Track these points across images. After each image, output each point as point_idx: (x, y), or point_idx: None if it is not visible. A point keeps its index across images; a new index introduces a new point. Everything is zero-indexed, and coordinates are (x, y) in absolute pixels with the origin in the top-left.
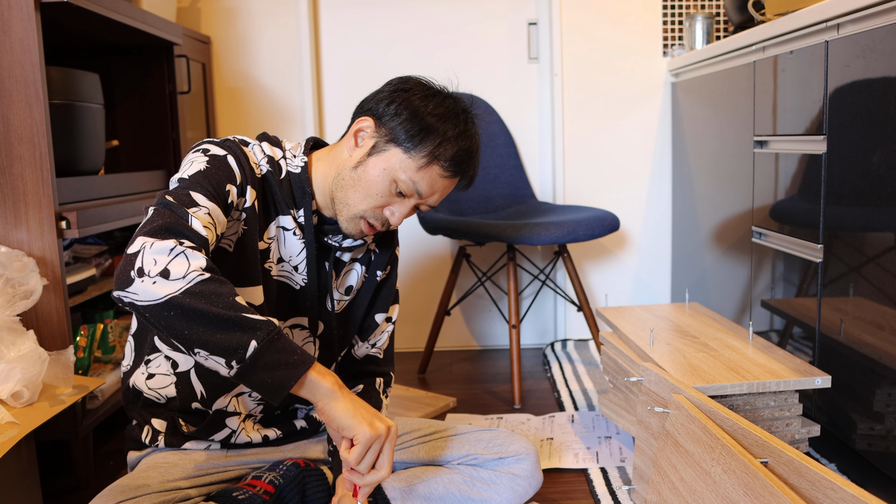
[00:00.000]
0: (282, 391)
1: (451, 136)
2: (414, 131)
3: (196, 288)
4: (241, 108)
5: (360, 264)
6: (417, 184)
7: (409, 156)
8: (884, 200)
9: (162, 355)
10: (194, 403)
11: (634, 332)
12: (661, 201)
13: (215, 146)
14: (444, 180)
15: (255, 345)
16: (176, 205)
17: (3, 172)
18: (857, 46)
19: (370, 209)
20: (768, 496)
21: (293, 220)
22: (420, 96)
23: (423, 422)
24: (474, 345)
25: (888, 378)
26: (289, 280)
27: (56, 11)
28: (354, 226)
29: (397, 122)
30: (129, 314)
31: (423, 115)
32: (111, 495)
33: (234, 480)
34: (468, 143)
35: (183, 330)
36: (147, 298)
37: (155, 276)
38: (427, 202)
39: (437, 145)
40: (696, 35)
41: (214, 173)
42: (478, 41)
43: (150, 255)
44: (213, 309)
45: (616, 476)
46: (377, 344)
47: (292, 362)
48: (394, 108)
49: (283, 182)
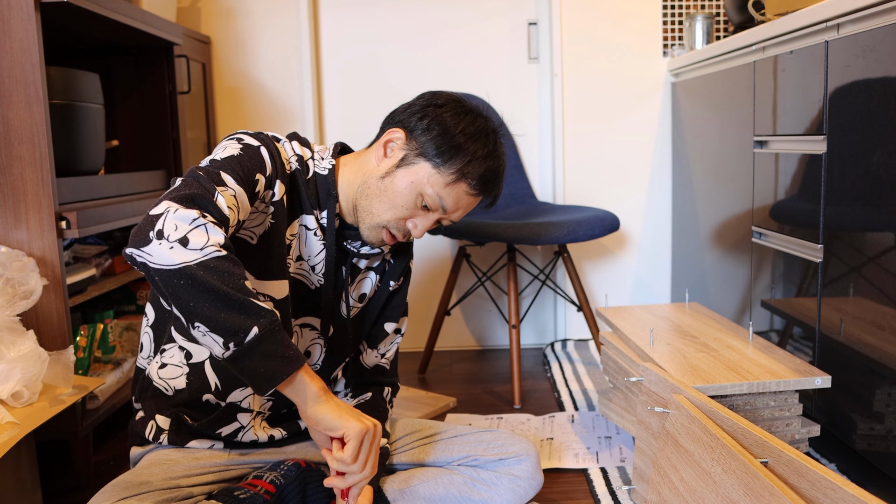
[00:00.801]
0: (272, 382)
1: (481, 156)
2: (444, 148)
3: (211, 262)
4: (241, 108)
5: (374, 272)
6: (444, 199)
7: (437, 171)
8: (884, 200)
9: (176, 345)
10: (206, 395)
11: (634, 332)
12: (661, 201)
13: (249, 136)
14: (470, 198)
15: (256, 331)
16: (205, 179)
17: (3, 172)
18: (857, 46)
19: (394, 220)
20: (768, 496)
21: (315, 221)
22: (452, 114)
23: (424, 423)
24: (474, 345)
25: (888, 378)
26: (305, 279)
27: (56, 11)
28: (376, 234)
29: (428, 137)
30: (129, 314)
31: (455, 132)
32: (114, 491)
33: (235, 480)
34: (496, 163)
35: (189, 301)
36: (160, 262)
37: (173, 241)
38: (450, 217)
39: (466, 163)
40: (696, 35)
41: (247, 161)
42: (478, 41)
43: (172, 219)
44: (224, 287)
45: (616, 476)
46: (386, 354)
47: (288, 357)
48: (426, 123)
49: (310, 182)
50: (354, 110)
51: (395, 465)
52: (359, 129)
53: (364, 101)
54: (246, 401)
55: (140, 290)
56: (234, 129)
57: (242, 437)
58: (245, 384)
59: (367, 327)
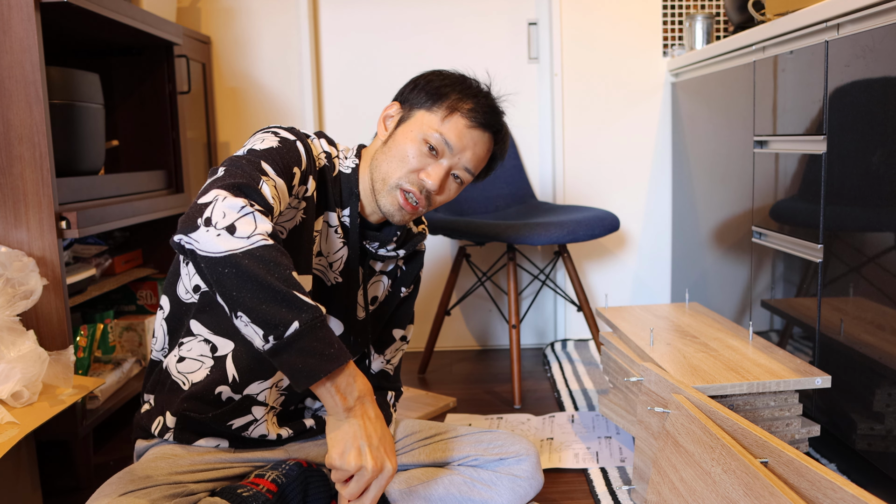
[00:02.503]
0: (310, 379)
1: (470, 93)
2: (433, 93)
3: (258, 252)
4: (241, 108)
5: (387, 277)
6: (445, 135)
7: (431, 112)
8: (884, 200)
9: (197, 339)
10: (220, 387)
11: (634, 332)
12: (661, 201)
13: (284, 130)
14: (472, 131)
15: (296, 326)
16: (249, 167)
17: (3, 172)
18: (857, 46)
19: (405, 175)
20: (768, 496)
21: (337, 219)
22: (438, 74)
23: (424, 424)
24: (474, 345)
25: (888, 378)
26: (322, 275)
27: (56, 11)
28: (392, 200)
29: (417, 92)
30: (129, 314)
31: (442, 84)
32: (120, 484)
33: (237, 478)
34: (487, 99)
35: (232, 290)
36: (208, 249)
37: (221, 229)
38: (460, 161)
39: (456, 99)
40: (696, 35)
41: (285, 153)
42: (478, 41)
43: (220, 207)
44: (268, 278)
45: (616, 476)
46: (391, 360)
47: (328, 354)
48: (413, 87)
49: (335, 179)
50: (354, 110)
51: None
52: (359, 129)
53: (364, 101)
54: (262, 394)
55: (140, 289)
56: (234, 129)
57: (252, 432)
58: (264, 377)
59: (375, 331)
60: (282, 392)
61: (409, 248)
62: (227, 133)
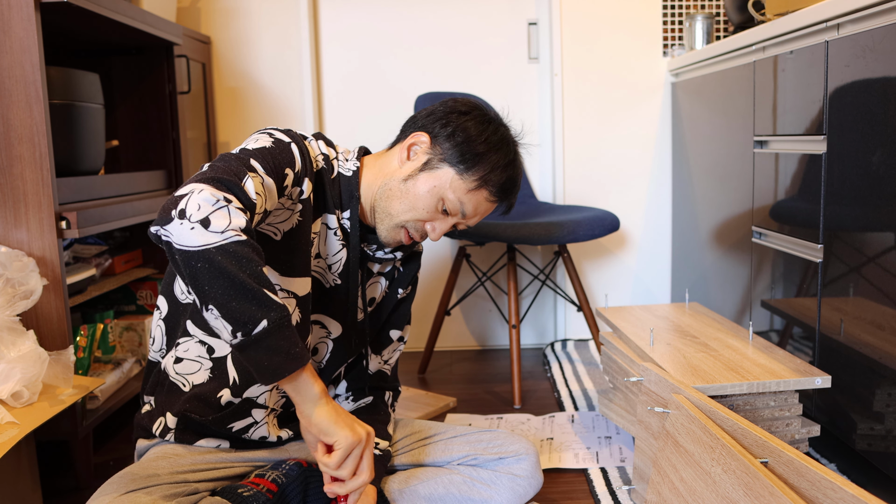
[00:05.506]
0: (274, 376)
1: (502, 165)
2: (468, 155)
3: (231, 247)
4: (241, 108)
5: (384, 278)
6: (465, 205)
7: (460, 177)
8: (884, 200)
9: (193, 340)
10: (222, 390)
11: (634, 332)
12: (661, 201)
13: (280, 132)
14: (488, 203)
15: (264, 324)
16: (236, 163)
17: (3, 172)
18: (857, 46)
19: (413, 221)
20: (768, 496)
21: (336, 221)
22: (475, 122)
23: (424, 423)
24: (474, 345)
25: (888, 378)
26: (321, 277)
27: (56, 11)
28: (394, 235)
29: (452, 143)
30: (129, 314)
31: (479, 141)
32: (121, 483)
33: (237, 477)
34: (515, 171)
35: (204, 285)
36: (182, 242)
37: (195, 222)
38: (467, 222)
39: (488, 171)
40: (696, 35)
41: (278, 153)
42: (478, 41)
43: (195, 199)
44: (240, 275)
45: (616, 476)
46: (388, 361)
47: (293, 354)
48: (450, 129)
49: (334, 182)
50: (354, 110)
51: (395, 466)
52: (359, 129)
53: (364, 101)
54: (262, 397)
55: (140, 289)
56: (234, 129)
57: (253, 434)
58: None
59: (373, 332)
60: (282, 394)
61: (406, 250)
62: (227, 133)
